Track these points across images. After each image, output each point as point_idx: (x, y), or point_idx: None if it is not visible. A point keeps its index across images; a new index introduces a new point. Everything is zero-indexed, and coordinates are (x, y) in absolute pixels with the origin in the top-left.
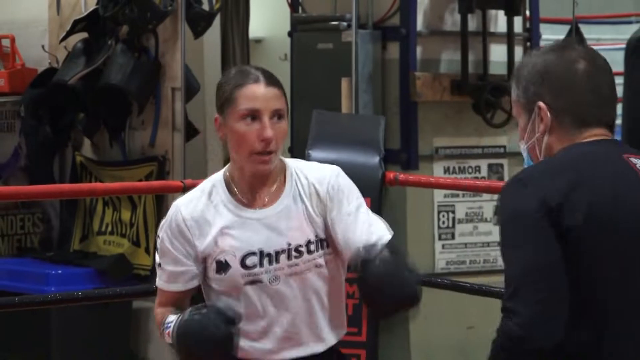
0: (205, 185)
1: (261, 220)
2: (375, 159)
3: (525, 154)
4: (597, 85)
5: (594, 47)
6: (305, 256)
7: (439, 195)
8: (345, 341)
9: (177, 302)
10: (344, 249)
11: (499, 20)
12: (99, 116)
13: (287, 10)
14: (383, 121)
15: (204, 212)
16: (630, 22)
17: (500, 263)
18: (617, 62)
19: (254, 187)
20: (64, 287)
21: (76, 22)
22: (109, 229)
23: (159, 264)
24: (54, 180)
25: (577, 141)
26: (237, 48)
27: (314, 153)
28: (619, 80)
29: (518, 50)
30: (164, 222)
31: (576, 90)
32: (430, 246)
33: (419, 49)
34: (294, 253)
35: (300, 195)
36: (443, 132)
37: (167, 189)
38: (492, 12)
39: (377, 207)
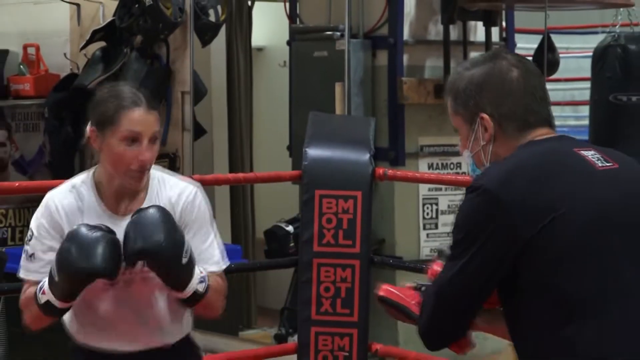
0: (75, 182)
1: (122, 228)
2: (366, 156)
3: (470, 161)
4: (533, 88)
5: (564, 55)
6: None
7: (423, 189)
8: (339, 321)
9: None
10: None
11: (477, 30)
12: None
13: (286, 21)
14: (373, 122)
15: (72, 206)
16: (596, 32)
17: None
18: (585, 68)
19: (119, 195)
20: None
21: (95, 32)
22: None
23: (31, 255)
24: (74, 175)
25: (522, 142)
26: (241, 55)
27: (310, 150)
28: (586, 85)
29: None
30: (37, 213)
31: (515, 96)
32: (416, 235)
33: (405, 57)
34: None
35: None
36: (427, 131)
37: None
38: (472, 23)
39: (368, 200)
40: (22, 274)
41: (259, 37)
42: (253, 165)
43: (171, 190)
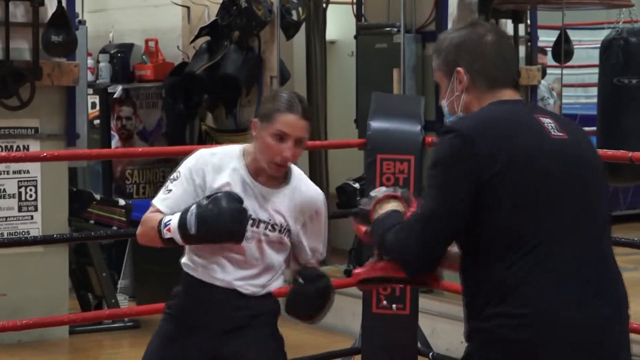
0: (225, 148)
1: (258, 194)
2: (417, 127)
3: (445, 110)
4: (503, 51)
5: (577, 46)
6: (276, 233)
7: None
8: (395, 315)
9: None
10: (294, 249)
11: (507, 26)
12: (218, 97)
13: (354, 19)
14: (423, 100)
15: (221, 164)
16: (603, 28)
17: None
18: (594, 57)
19: (260, 171)
20: None
21: (201, 29)
22: None
23: (168, 189)
24: (185, 143)
25: (491, 99)
26: (317, 47)
27: (373, 123)
28: (595, 70)
29: (522, 49)
30: (187, 162)
31: (487, 56)
32: None
33: None
34: (269, 227)
35: (294, 197)
36: None
37: None
38: (503, 20)
39: (419, 162)
40: (155, 201)
41: (331, 32)
42: (327, 134)
43: (307, 190)
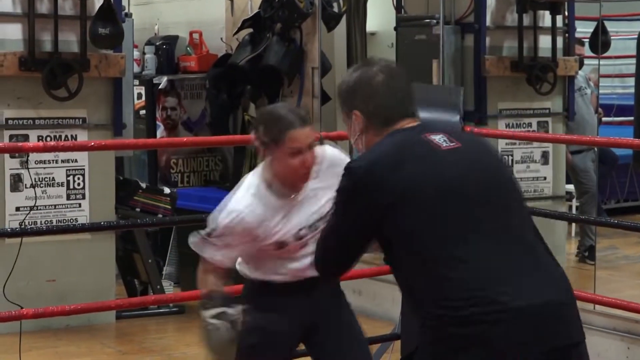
0: (249, 186)
1: (298, 206)
2: (456, 117)
3: (355, 148)
4: (394, 89)
5: (614, 37)
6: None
7: (502, 143)
8: None
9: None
10: None
11: (545, 18)
12: (261, 87)
13: (393, 11)
14: (462, 90)
15: (261, 209)
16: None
17: (546, 192)
18: (630, 48)
19: (294, 184)
20: None
21: (244, 21)
22: None
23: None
24: (229, 133)
25: (387, 133)
26: (358, 39)
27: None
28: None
29: (559, 40)
30: (223, 219)
31: (378, 96)
32: None
33: (487, 39)
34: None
35: (323, 171)
36: (504, 98)
37: None
38: (541, 11)
39: None
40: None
41: (372, 24)
42: None
43: (328, 155)
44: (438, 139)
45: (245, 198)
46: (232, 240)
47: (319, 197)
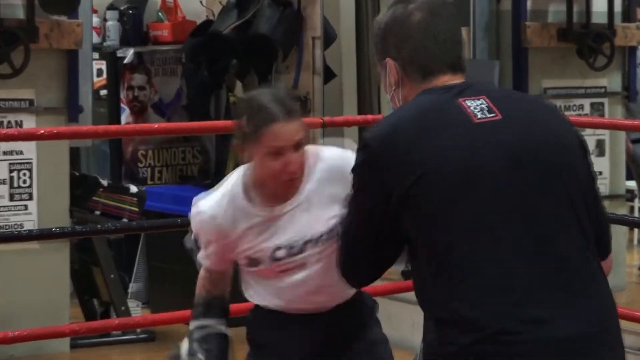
0: (224, 191)
1: (280, 216)
2: None
3: (391, 105)
4: (434, 32)
5: None
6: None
7: None
8: None
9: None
10: None
11: None
12: (249, 62)
13: None
14: (497, 65)
15: (227, 218)
16: None
17: (601, 190)
18: None
19: (274, 195)
20: None
21: None
22: None
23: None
24: (210, 118)
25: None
26: (369, 1)
27: None
28: None
29: (617, 3)
30: (194, 225)
31: (414, 40)
32: None
33: (529, 1)
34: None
35: (321, 181)
36: (550, 74)
37: (308, 125)
38: None
39: None
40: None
41: None
42: (380, 107)
43: (329, 162)
44: (474, 106)
45: (219, 200)
46: (208, 240)
47: (311, 213)
